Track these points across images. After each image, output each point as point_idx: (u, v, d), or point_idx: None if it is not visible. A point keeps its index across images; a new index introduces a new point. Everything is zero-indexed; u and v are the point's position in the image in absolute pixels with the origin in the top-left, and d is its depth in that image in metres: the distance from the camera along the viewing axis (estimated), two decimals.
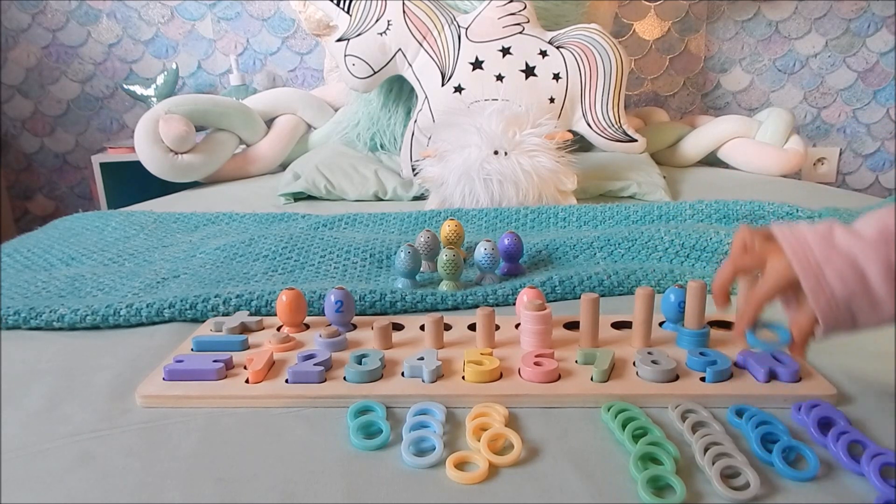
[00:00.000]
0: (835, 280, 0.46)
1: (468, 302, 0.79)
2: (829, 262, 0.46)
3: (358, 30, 1.48)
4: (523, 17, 1.50)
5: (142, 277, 0.88)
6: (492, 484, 0.46)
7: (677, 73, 2.15)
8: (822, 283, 0.46)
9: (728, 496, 0.43)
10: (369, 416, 0.53)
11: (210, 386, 0.58)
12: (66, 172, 2.27)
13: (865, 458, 0.45)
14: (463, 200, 1.18)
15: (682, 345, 0.64)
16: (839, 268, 0.46)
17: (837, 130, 2.15)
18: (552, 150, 1.17)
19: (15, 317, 0.75)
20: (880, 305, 0.45)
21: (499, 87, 1.42)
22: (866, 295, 0.45)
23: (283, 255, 0.94)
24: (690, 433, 0.50)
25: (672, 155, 1.71)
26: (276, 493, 0.45)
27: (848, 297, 0.46)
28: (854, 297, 0.46)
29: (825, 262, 0.46)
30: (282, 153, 1.72)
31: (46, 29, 2.11)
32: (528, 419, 0.53)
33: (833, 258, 0.46)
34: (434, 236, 0.90)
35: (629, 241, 0.92)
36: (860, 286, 0.45)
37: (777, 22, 2.06)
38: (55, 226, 1.20)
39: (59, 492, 0.46)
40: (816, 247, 0.47)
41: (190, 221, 1.17)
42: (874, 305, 0.46)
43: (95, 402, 0.58)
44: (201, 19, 2.12)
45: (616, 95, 1.49)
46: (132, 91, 1.99)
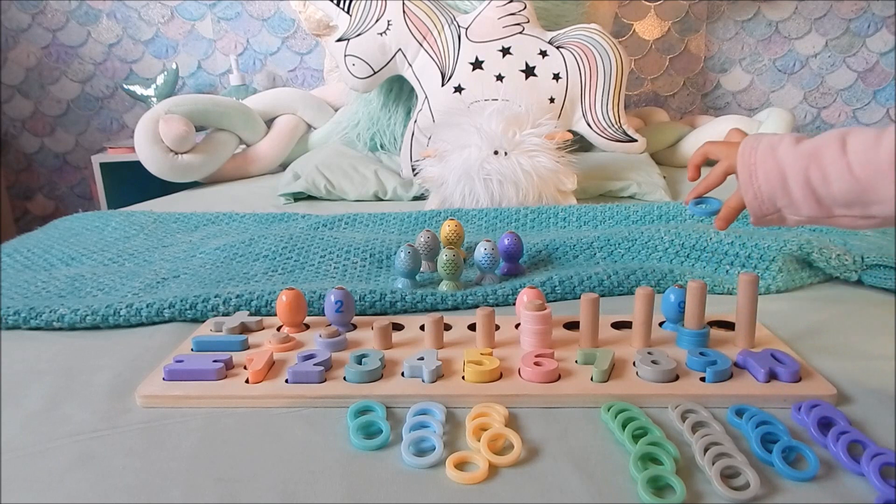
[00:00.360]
0: (762, 178, 0.57)
1: (468, 302, 0.79)
2: (763, 163, 0.57)
3: (358, 30, 1.48)
4: (523, 17, 1.50)
5: (142, 277, 0.88)
6: (492, 484, 0.46)
7: (677, 73, 2.15)
8: (752, 178, 0.58)
9: (728, 496, 0.43)
10: (369, 416, 0.53)
11: (210, 386, 0.58)
12: (66, 172, 2.27)
13: (865, 458, 0.45)
14: (463, 200, 1.18)
15: (682, 345, 0.64)
16: (768, 169, 0.56)
17: None
18: (552, 150, 1.17)
19: (15, 317, 0.75)
20: (797, 205, 0.56)
21: (499, 87, 1.42)
22: (786, 195, 0.56)
23: (283, 255, 0.94)
24: (690, 433, 0.50)
25: (672, 155, 1.71)
26: (276, 493, 0.45)
27: (770, 192, 0.57)
28: (775, 194, 0.56)
29: (761, 162, 0.57)
30: (282, 153, 1.72)
31: (46, 29, 2.11)
32: (528, 419, 0.53)
33: (768, 161, 0.57)
34: (434, 236, 0.90)
35: (629, 241, 0.92)
36: (780, 186, 0.56)
37: (777, 22, 2.06)
38: (55, 226, 1.20)
39: (59, 492, 0.46)
40: (760, 151, 0.57)
41: (190, 221, 1.17)
42: (793, 204, 0.56)
43: (95, 402, 0.58)
44: (201, 19, 2.12)
45: (616, 95, 1.49)
46: (132, 91, 2.00)
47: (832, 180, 0.52)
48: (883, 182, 0.50)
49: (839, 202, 0.53)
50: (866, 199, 0.51)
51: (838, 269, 0.82)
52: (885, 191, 0.50)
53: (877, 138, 0.51)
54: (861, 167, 0.50)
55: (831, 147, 0.53)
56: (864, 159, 0.50)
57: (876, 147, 0.50)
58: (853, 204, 0.52)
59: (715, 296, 0.80)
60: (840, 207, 0.53)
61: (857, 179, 0.51)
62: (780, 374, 0.57)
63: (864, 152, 0.51)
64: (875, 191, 0.50)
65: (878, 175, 0.50)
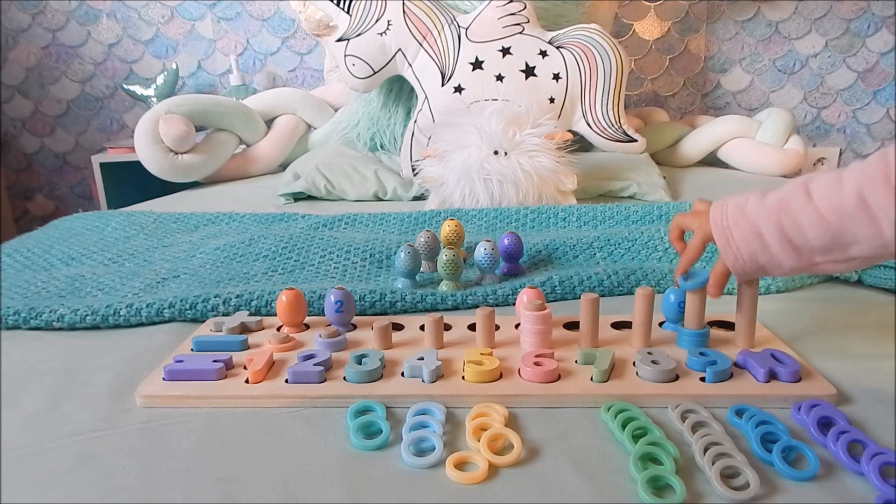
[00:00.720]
0: (739, 239, 0.57)
1: (468, 302, 0.79)
2: (737, 225, 0.57)
3: (358, 30, 1.48)
4: (523, 18, 1.50)
5: (142, 277, 0.88)
6: (492, 484, 0.46)
7: (677, 73, 2.15)
8: (730, 242, 0.58)
9: (728, 496, 0.43)
10: (369, 416, 0.53)
11: (210, 386, 0.58)
12: (66, 172, 2.27)
13: (865, 457, 0.45)
14: (463, 200, 1.18)
15: (682, 345, 0.64)
16: (742, 229, 0.57)
17: (837, 130, 2.15)
18: (552, 150, 1.17)
19: (15, 317, 0.75)
20: (778, 260, 0.56)
21: (499, 88, 1.42)
22: (765, 252, 0.56)
23: (283, 255, 0.94)
24: (690, 433, 0.50)
25: (672, 155, 1.71)
26: (276, 493, 0.45)
27: (749, 252, 0.57)
28: (755, 253, 0.57)
29: (734, 225, 0.57)
30: (282, 153, 1.72)
31: (46, 29, 2.11)
32: (528, 419, 0.53)
33: (741, 223, 0.57)
34: (434, 236, 0.90)
35: (629, 241, 0.92)
36: (758, 245, 0.56)
37: (777, 22, 2.06)
38: (55, 226, 1.20)
39: (59, 492, 0.46)
40: (731, 214, 0.58)
41: (190, 221, 1.17)
42: (773, 259, 0.56)
43: (95, 402, 0.58)
44: (201, 19, 2.12)
45: (616, 95, 1.49)
46: (132, 91, 2.00)
47: (806, 229, 0.53)
48: (854, 223, 0.50)
49: (817, 249, 0.53)
50: (842, 242, 0.51)
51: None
52: (859, 231, 0.50)
53: (838, 181, 0.51)
54: (830, 212, 0.51)
55: (797, 196, 0.53)
56: (831, 204, 0.51)
57: (839, 190, 0.50)
58: (831, 249, 0.52)
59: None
60: (819, 254, 0.54)
61: (830, 225, 0.51)
62: (780, 374, 0.57)
63: (829, 197, 0.51)
64: (849, 232, 0.51)
65: (848, 217, 0.50)
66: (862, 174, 0.50)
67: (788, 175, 1.62)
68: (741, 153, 1.66)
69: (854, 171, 0.51)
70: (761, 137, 1.65)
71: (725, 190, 1.37)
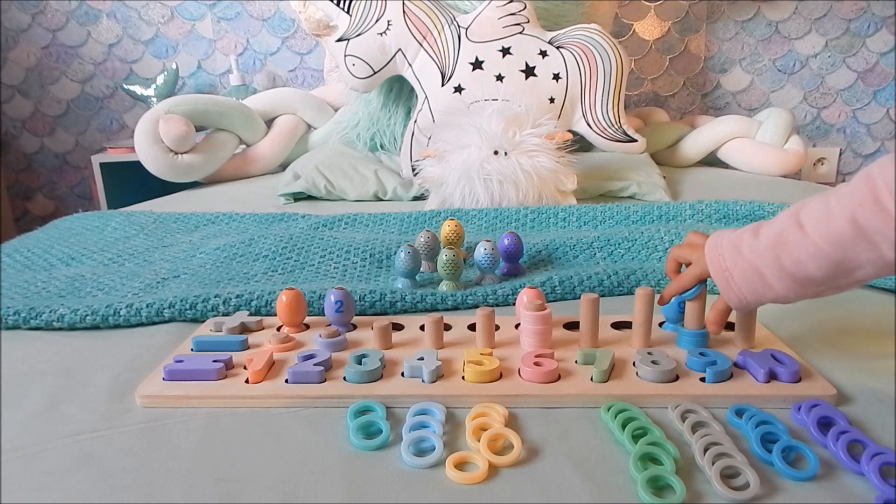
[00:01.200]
0: (741, 281, 0.57)
1: (468, 302, 0.79)
2: (735, 266, 0.57)
3: (358, 30, 1.48)
4: (523, 18, 1.50)
5: (142, 277, 0.88)
6: (491, 484, 0.46)
7: (677, 74, 2.15)
8: (731, 283, 0.58)
9: (728, 496, 0.43)
10: (369, 416, 0.53)
11: (210, 386, 0.58)
12: (66, 172, 2.27)
13: (865, 457, 0.45)
14: (463, 200, 1.18)
15: (682, 345, 0.64)
16: (743, 271, 0.57)
17: (837, 130, 2.15)
18: (552, 150, 1.17)
19: (15, 317, 0.75)
20: (783, 296, 0.56)
21: (499, 88, 1.42)
22: (768, 289, 0.56)
23: (283, 255, 0.94)
24: (690, 433, 0.50)
25: (672, 155, 1.71)
26: (276, 493, 0.45)
27: (753, 293, 0.57)
28: (758, 293, 0.57)
29: (733, 266, 0.57)
30: (282, 153, 1.72)
31: (46, 29, 2.11)
32: (528, 419, 0.53)
33: (739, 263, 0.57)
34: (434, 236, 0.90)
35: (629, 241, 0.92)
36: (760, 283, 0.56)
37: (777, 22, 2.06)
38: (55, 226, 1.20)
39: (58, 492, 0.46)
40: (728, 255, 0.58)
41: (190, 221, 1.17)
42: (779, 297, 0.56)
43: (95, 402, 0.58)
44: (201, 19, 2.12)
45: (616, 95, 1.49)
46: (132, 91, 1.99)
47: (806, 263, 0.52)
48: (854, 250, 0.50)
49: (821, 280, 0.53)
50: (845, 269, 0.51)
51: None
52: (861, 256, 0.50)
53: (827, 210, 0.51)
54: (827, 243, 0.51)
55: (791, 230, 0.53)
56: (826, 235, 0.50)
57: (832, 220, 0.50)
58: (835, 277, 0.52)
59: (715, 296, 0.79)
60: (823, 284, 0.53)
61: (829, 255, 0.51)
62: (780, 375, 0.57)
63: (823, 228, 0.51)
64: (850, 260, 0.50)
65: (846, 245, 0.50)
66: (851, 200, 0.49)
67: (788, 175, 1.62)
68: (741, 153, 1.66)
69: (842, 197, 0.50)
70: (761, 137, 1.65)
71: (725, 190, 1.37)
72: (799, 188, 1.48)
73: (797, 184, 1.60)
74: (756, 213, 1.03)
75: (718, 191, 1.35)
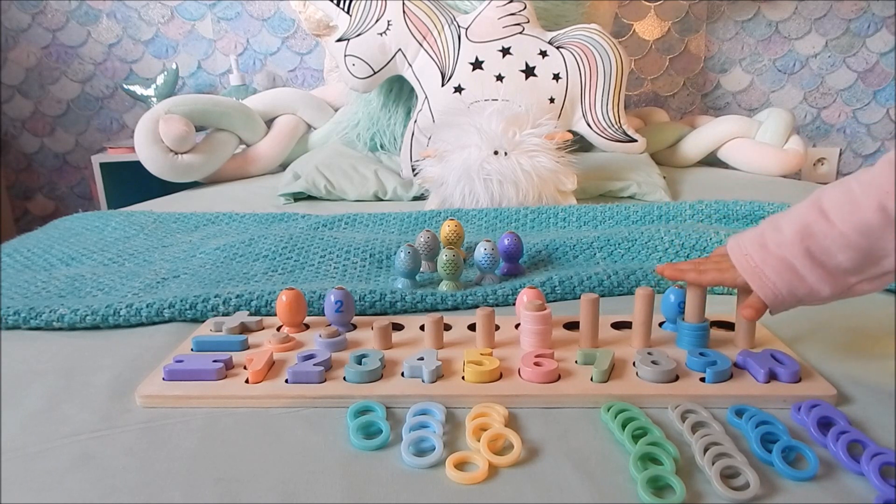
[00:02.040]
0: (774, 276, 0.56)
1: (468, 302, 0.79)
2: (765, 263, 0.56)
3: (358, 30, 1.48)
4: (523, 18, 1.50)
5: (142, 277, 0.88)
6: (491, 484, 0.46)
7: (677, 74, 2.15)
8: (764, 280, 0.56)
9: (728, 496, 0.43)
10: (369, 417, 0.53)
11: (210, 386, 0.58)
12: (66, 172, 2.27)
13: (865, 457, 0.45)
14: (463, 200, 1.18)
15: (682, 344, 0.64)
16: (774, 266, 0.56)
17: (837, 131, 2.15)
18: (552, 150, 1.17)
19: (15, 317, 0.75)
20: (816, 290, 0.55)
21: (499, 88, 1.42)
22: (801, 282, 0.55)
23: (283, 255, 0.94)
24: (690, 433, 0.50)
25: (672, 155, 1.71)
26: (276, 493, 0.45)
27: (788, 287, 0.56)
28: (793, 286, 0.55)
29: (762, 263, 0.56)
30: (282, 153, 1.72)
31: (46, 29, 2.11)
32: (528, 419, 0.53)
33: (769, 260, 0.56)
34: (434, 236, 0.90)
35: (629, 241, 0.92)
36: (793, 276, 0.55)
37: (777, 22, 2.06)
38: (55, 226, 1.20)
39: (58, 492, 0.46)
40: (755, 253, 0.57)
41: (190, 221, 1.17)
42: (812, 291, 0.55)
43: (95, 402, 0.58)
44: (201, 19, 2.12)
45: (616, 95, 1.49)
46: (132, 91, 2.00)
47: (835, 252, 0.52)
48: (882, 238, 0.50)
49: (850, 270, 0.53)
50: (873, 258, 0.51)
51: None
52: (889, 243, 0.50)
53: (851, 199, 0.51)
54: (854, 232, 0.51)
55: (816, 221, 0.53)
56: (853, 224, 0.51)
57: (857, 208, 0.50)
58: (864, 267, 0.52)
59: (715, 296, 0.80)
60: (853, 275, 0.53)
61: (858, 244, 0.51)
62: (780, 375, 0.57)
63: (849, 217, 0.51)
64: (879, 248, 0.50)
65: (875, 233, 0.50)
66: (876, 187, 0.49)
67: (788, 175, 1.62)
68: (741, 153, 1.66)
69: (866, 185, 0.50)
70: (761, 137, 1.65)
71: (725, 190, 1.37)
72: (799, 188, 1.48)
73: (797, 184, 1.60)
74: (756, 213, 1.03)
75: (718, 191, 1.35)
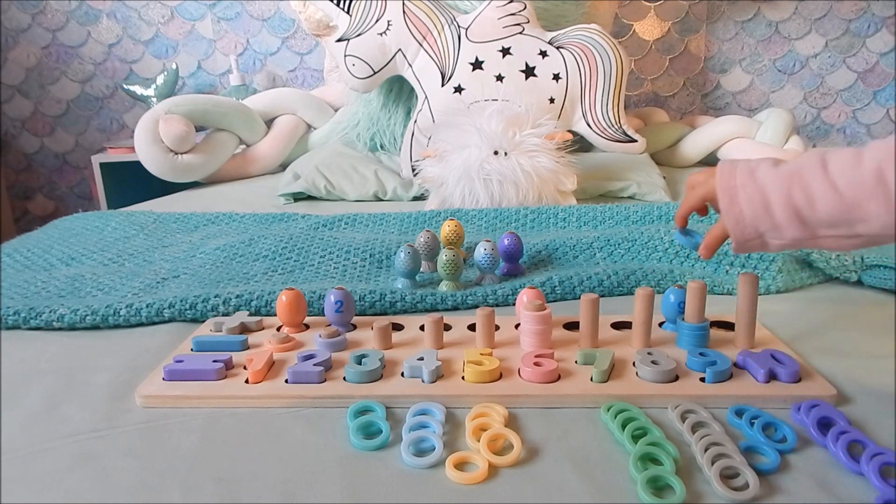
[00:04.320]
0: (745, 202, 0.55)
1: (468, 302, 0.79)
2: (744, 187, 0.56)
3: (358, 30, 1.48)
4: (523, 18, 1.50)
5: (142, 277, 0.88)
6: (491, 484, 0.46)
7: (677, 74, 2.15)
8: (734, 201, 0.56)
9: (727, 496, 0.43)
10: (369, 417, 0.53)
11: (210, 386, 0.58)
12: (66, 172, 2.27)
13: (865, 457, 0.45)
14: (463, 201, 1.18)
15: (682, 344, 0.64)
16: (750, 193, 0.55)
17: (837, 131, 2.15)
18: (552, 150, 1.17)
19: (15, 317, 0.75)
20: (781, 229, 0.54)
21: (499, 88, 1.42)
22: (768, 218, 0.54)
23: (283, 255, 0.94)
24: (690, 433, 0.50)
25: (672, 155, 1.71)
26: (276, 493, 0.45)
27: (753, 216, 0.55)
28: (758, 218, 0.55)
29: (741, 187, 0.56)
30: (282, 153, 1.72)
31: (46, 29, 2.11)
32: (528, 419, 0.53)
33: (748, 185, 0.55)
34: (434, 236, 0.90)
35: (629, 241, 0.92)
36: (763, 210, 0.54)
37: (777, 22, 2.06)
38: (55, 226, 1.20)
39: (58, 492, 0.46)
40: (739, 175, 0.56)
41: (190, 221, 1.17)
42: (776, 228, 0.54)
43: (95, 402, 0.58)
44: (201, 19, 2.12)
45: (616, 96, 1.49)
46: (132, 91, 2.00)
47: (816, 200, 0.51)
48: (869, 199, 0.49)
49: (824, 223, 0.52)
50: (852, 218, 0.50)
51: (838, 269, 0.82)
52: (872, 208, 0.49)
53: (857, 155, 0.50)
54: (846, 185, 0.50)
55: (813, 168, 0.52)
56: (849, 177, 0.50)
57: (858, 165, 0.50)
58: (839, 224, 0.51)
59: (715, 296, 0.80)
60: (825, 228, 0.52)
61: (843, 198, 0.50)
62: (780, 375, 0.57)
63: (847, 171, 0.50)
64: (861, 208, 0.50)
65: (864, 192, 0.49)
66: (884, 151, 0.49)
67: None
68: (741, 153, 1.65)
69: (875, 147, 0.50)
70: (761, 138, 1.65)
71: None
72: None
73: None
74: None
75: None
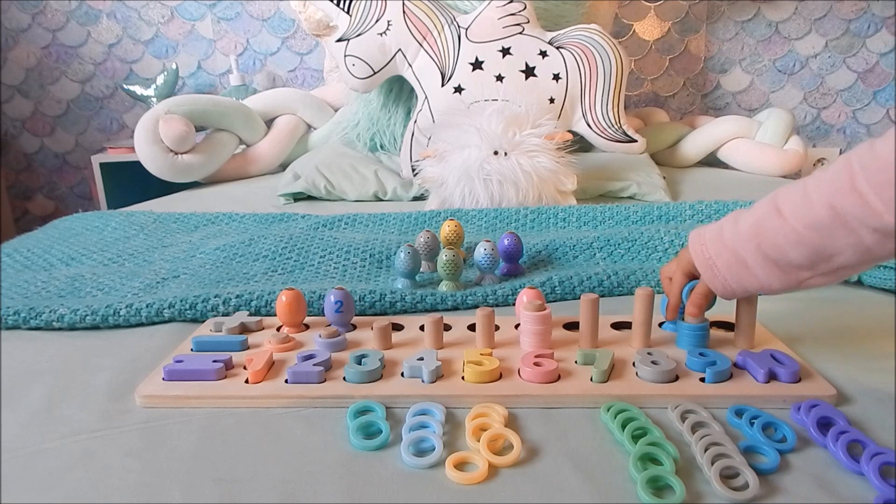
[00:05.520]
0: (724, 269, 0.58)
1: (468, 302, 0.79)
2: (719, 256, 0.58)
3: (358, 30, 1.48)
4: (523, 18, 1.50)
5: (142, 277, 0.88)
6: (491, 484, 0.46)
7: (677, 74, 2.15)
8: (715, 271, 0.59)
9: (727, 496, 0.43)
10: (369, 417, 0.53)
11: (210, 386, 0.58)
12: (66, 172, 2.27)
13: (865, 457, 0.45)
14: (463, 201, 1.18)
15: (682, 345, 0.64)
16: (726, 259, 0.58)
17: (837, 131, 2.15)
18: (552, 150, 1.17)
19: (15, 317, 0.75)
20: (767, 284, 0.56)
21: (499, 88, 1.42)
22: (751, 277, 0.56)
23: (283, 255, 0.94)
24: (690, 433, 0.50)
25: (672, 155, 1.72)
26: (275, 493, 0.45)
27: (737, 280, 0.58)
28: (742, 280, 0.57)
29: (717, 255, 0.58)
30: (282, 153, 1.72)
31: (46, 29, 2.12)
32: (528, 419, 0.53)
33: (722, 252, 0.58)
34: (434, 236, 0.90)
35: (629, 241, 0.92)
36: (743, 271, 0.57)
37: (777, 22, 2.06)
38: (55, 226, 1.20)
39: (59, 492, 0.46)
40: (711, 245, 0.59)
41: (190, 221, 1.17)
42: (762, 284, 0.56)
43: (95, 402, 0.58)
44: (201, 19, 2.12)
45: (616, 96, 1.49)
46: (132, 91, 2.00)
47: (786, 249, 0.53)
48: (833, 236, 0.50)
49: (803, 266, 0.53)
50: (825, 255, 0.51)
51: None
52: (840, 242, 0.50)
53: (804, 194, 0.51)
54: (805, 228, 0.51)
55: (770, 217, 0.53)
56: (805, 221, 0.51)
57: (810, 206, 0.50)
58: (816, 263, 0.52)
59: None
60: (805, 270, 0.53)
61: (808, 241, 0.51)
62: (780, 375, 0.57)
63: (801, 214, 0.51)
64: (829, 244, 0.50)
65: (825, 231, 0.50)
66: (830, 186, 0.49)
67: (788, 175, 1.62)
68: (741, 153, 1.66)
69: (821, 183, 0.50)
70: (761, 138, 1.65)
71: (725, 190, 1.37)
72: None
73: None
74: None
75: (718, 191, 1.35)
